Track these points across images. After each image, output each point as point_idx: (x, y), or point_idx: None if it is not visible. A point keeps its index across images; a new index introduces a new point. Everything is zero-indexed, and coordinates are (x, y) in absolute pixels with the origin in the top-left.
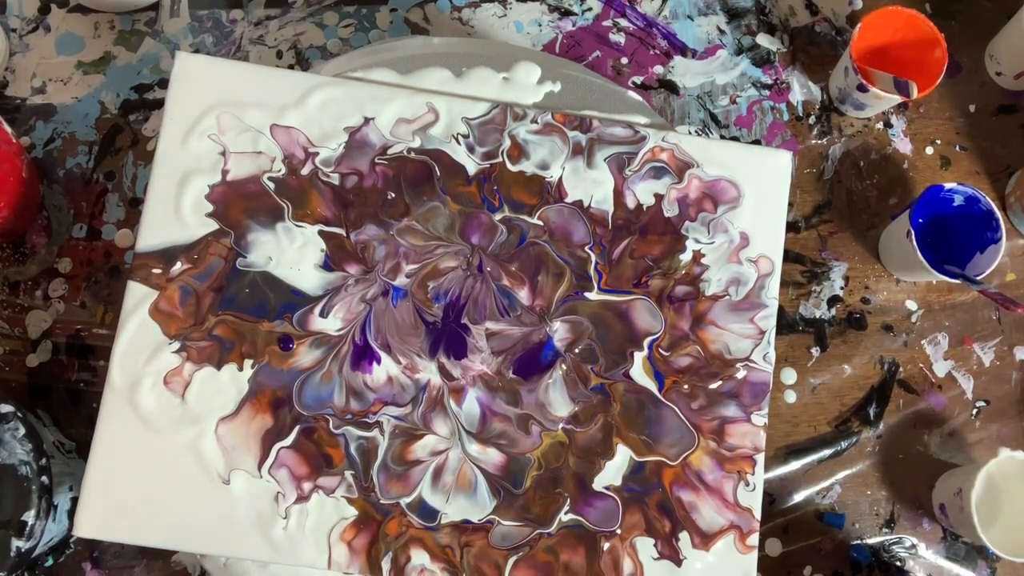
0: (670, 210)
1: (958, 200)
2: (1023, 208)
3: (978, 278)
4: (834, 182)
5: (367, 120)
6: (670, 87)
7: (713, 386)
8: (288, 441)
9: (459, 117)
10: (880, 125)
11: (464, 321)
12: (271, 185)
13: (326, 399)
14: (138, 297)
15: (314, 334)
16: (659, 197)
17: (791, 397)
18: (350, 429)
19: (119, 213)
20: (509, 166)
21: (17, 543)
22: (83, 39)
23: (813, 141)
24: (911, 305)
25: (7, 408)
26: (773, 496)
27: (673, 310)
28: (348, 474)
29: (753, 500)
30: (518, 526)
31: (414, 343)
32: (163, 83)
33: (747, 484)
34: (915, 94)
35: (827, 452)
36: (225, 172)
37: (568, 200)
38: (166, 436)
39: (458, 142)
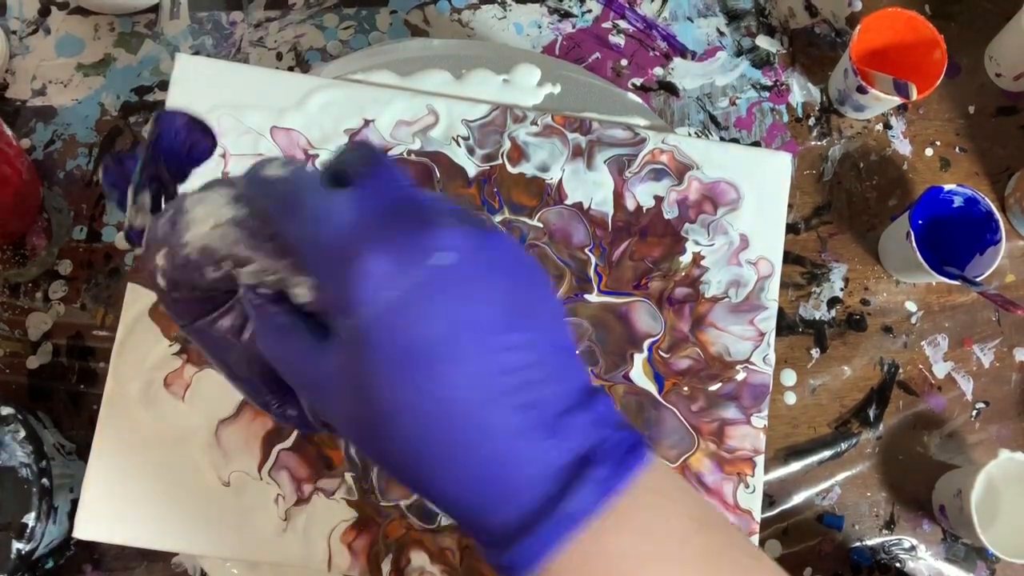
0: (670, 212)
1: (958, 201)
2: (1023, 209)
3: (978, 279)
4: (834, 184)
5: (367, 122)
6: (670, 89)
7: (713, 388)
8: (288, 443)
9: (459, 119)
10: (880, 127)
11: None
12: None
13: None
14: (138, 299)
15: None
16: (659, 199)
17: (791, 399)
18: None
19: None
20: (509, 168)
21: (17, 545)
22: (83, 41)
23: (813, 143)
24: (911, 306)
25: (7, 410)
26: (773, 498)
27: (673, 312)
28: (348, 476)
29: (753, 502)
30: None
31: None
32: (163, 85)
33: (747, 486)
34: (915, 95)
35: (827, 453)
36: (225, 174)
37: (568, 202)
38: (166, 438)
39: (458, 144)
